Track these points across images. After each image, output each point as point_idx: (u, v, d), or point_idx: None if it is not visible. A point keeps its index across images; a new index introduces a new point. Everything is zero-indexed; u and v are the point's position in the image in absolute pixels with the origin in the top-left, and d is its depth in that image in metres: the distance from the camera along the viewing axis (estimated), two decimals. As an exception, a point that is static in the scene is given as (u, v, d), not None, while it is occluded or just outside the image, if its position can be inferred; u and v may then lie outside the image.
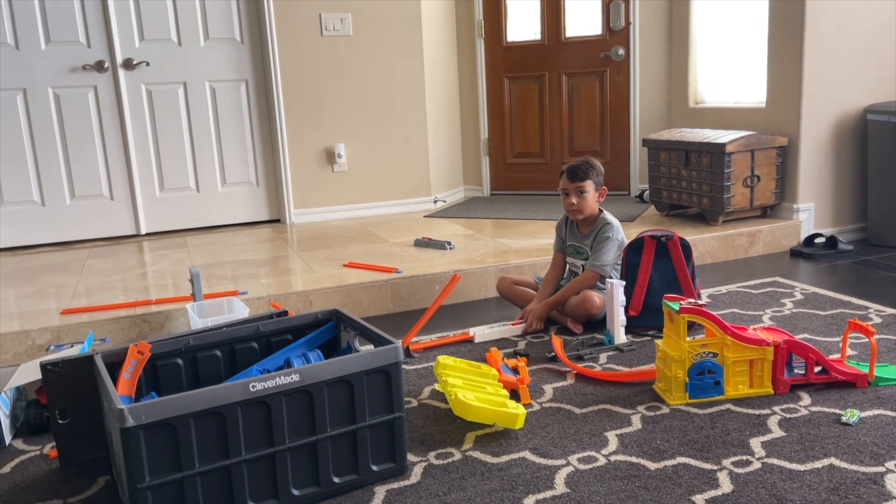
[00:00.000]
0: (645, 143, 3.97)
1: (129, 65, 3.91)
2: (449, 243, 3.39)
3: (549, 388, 2.01)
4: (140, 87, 3.97)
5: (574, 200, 2.54)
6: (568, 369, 2.13)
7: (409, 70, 4.41)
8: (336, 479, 1.53)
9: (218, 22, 4.05)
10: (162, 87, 4.01)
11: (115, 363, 1.62)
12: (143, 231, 4.10)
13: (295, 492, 1.49)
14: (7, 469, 1.74)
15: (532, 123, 4.83)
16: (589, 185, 2.52)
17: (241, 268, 3.24)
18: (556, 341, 2.27)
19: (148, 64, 3.94)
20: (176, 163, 4.09)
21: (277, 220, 4.36)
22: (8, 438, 1.87)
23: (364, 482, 1.56)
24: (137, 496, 1.35)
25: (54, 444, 1.83)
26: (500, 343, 2.41)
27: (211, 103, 4.12)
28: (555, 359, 2.21)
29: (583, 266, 2.58)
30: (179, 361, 1.73)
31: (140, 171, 4.03)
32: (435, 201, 4.63)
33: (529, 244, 3.40)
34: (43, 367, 1.60)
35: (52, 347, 2.31)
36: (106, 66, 3.87)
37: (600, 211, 2.60)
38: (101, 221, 4.01)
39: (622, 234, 2.57)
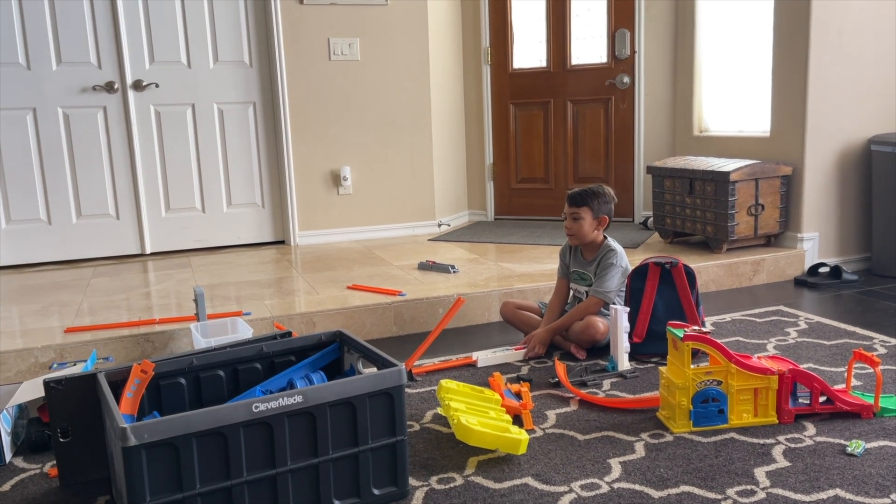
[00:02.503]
0: (649, 170, 3.99)
1: (138, 86, 3.95)
2: (453, 267, 3.39)
3: (552, 414, 2.00)
4: (149, 109, 4.01)
5: (568, 225, 2.56)
6: (571, 395, 2.12)
7: (416, 95, 4.45)
8: (337, 503, 1.52)
9: (227, 45, 4.10)
10: (170, 109, 4.05)
11: (118, 382, 1.62)
12: (149, 250, 4.11)
13: (295, 515, 1.48)
14: (7, 487, 1.73)
15: (537, 149, 4.86)
16: (585, 213, 2.53)
17: (245, 288, 3.24)
18: (560, 367, 2.27)
19: (157, 85, 3.99)
20: (182, 183, 4.12)
21: (282, 242, 4.38)
22: (8, 456, 1.87)
23: (365, 506, 1.55)
24: (137, 516, 1.34)
25: (55, 462, 1.82)
26: (504, 368, 2.40)
27: (219, 125, 4.15)
28: (558, 384, 2.20)
29: (587, 292, 2.58)
30: (182, 381, 1.73)
31: (146, 191, 4.05)
32: (439, 225, 4.64)
33: (533, 269, 3.40)
34: (46, 384, 1.60)
35: (55, 365, 2.31)
36: (116, 86, 3.91)
37: (605, 238, 2.60)
38: (106, 240, 4.03)
39: (626, 260, 2.57)
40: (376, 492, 1.56)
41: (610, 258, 2.53)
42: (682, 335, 1.86)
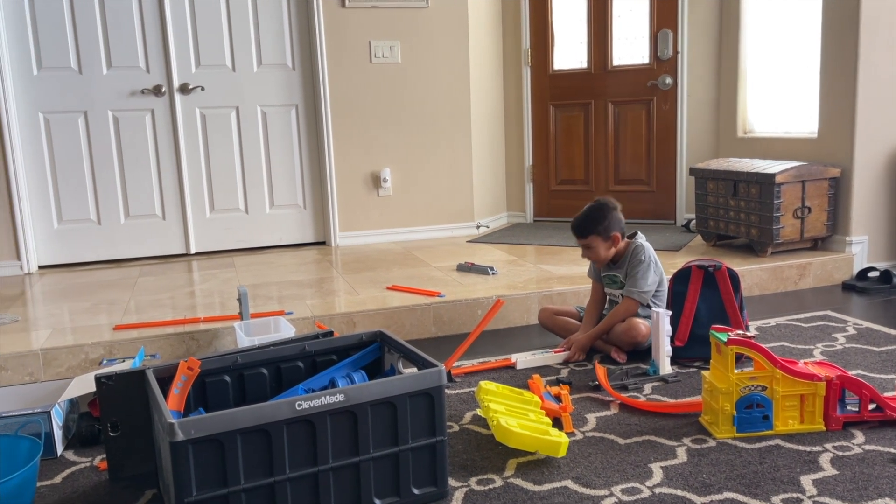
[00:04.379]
0: (692, 172, 3.93)
1: (185, 89, 4.04)
2: (492, 269, 3.39)
3: (592, 418, 1.99)
4: (194, 111, 4.09)
5: (584, 255, 2.56)
6: (611, 399, 2.11)
7: (456, 97, 4.46)
8: (377, 501, 1.54)
9: (271, 49, 4.16)
10: (215, 111, 4.13)
11: (165, 378, 1.66)
12: (193, 250, 4.20)
13: (337, 512, 1.50)
14: (58, 479, 1.79)
15: (577, 151, 4.83)
16: (593, 241, 2.49)
17: (286, 288, 3.29)
18: (600, 370, 2.25)
19: (203, 88, 4.07)
20: (226, 185, 4.20)
21: (323, 243, 4.43)
22: (60, 449, 1.93)
23: (405, 505, 1.56)
24: (184, 510, 1.37)
25: (104, 456, 1.87)
26: (543, 370, 2.39)
27: (262, 127, 4.22)
28: (598, 388, 2.19)
29: (621, 295, 2.55)
30: (227, 378, 1.77)
31: (192, 192, 4.14)
32: (478, 227, 4.65)
33: (573, 271, 3.38)
34: (97, 380, 1.65)
35: (104, 362, 2.37)
36: (163, 90, 4.01)
37: (632, 236, 2.56)
38: (153, 240, 4.12)
39: (652, 251, 2.52)
40: (416, 491, 1.57)
41: (638, 255, 2.48)
42: (725, 339, 1.84)
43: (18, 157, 3.78)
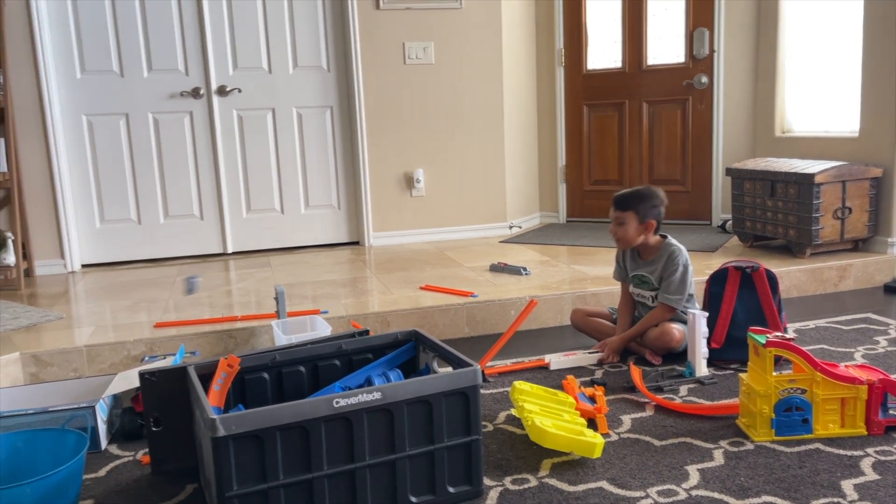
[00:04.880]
0: (729, 172, 3.88)
1: (222, 91, 4.11)
2: (524, 269, 3.39)
3: (627, 419, 1.98)
4: (232, 113, 4.16)
5: (612, 229, 2.51)
6: (647, 400, 2.10)
7: (489, 97, 4.46)
8: (413, 499, 1.55)
9: (306, 51, 4.21)
10: (252, 113, 4.19)
11: (206, 375, 1.69)
12: (230, 250, 4.27)
13: (373, 509, 1.52)
14: (103, 472, 1.83)
15: (611, 151, 4.80)
16: (629, 217, 2.45)
17: (321, 288, 3.32)
18: (635, 372, 2.24)
19: (240, 90, 4.14)
20: (262, 185, 4.26)
21: (356, 243, 4.46)
22: (104, 443, 1.98)
23: (440, 503, 1.57)
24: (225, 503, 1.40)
25: (147, 450, 1.92)
26: (577, 371, 2.39)
27: (297, 129, 4.27)
28: (633, 389, 2.17)
29: (652, 297, 2.51)
30: (265, 376, 1.80)
31: (229, 192, 4.21)
32: (510, 227, 4.64)
33: (607, 272, 3.36)
34: (141, 376, 1.69)
35: (146, 358, 2.43)
36: (201, 92, 4.08)
37: (663, 238, 2.53)
38: (191, 240, 4.20)
39: (686, 255, 2.49)
40: (451, 490, 1.58)
41: (675, 260, 2.44)
42: (764, 341, 1.82)
43: (62, 159, 3.88)
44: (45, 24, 3.78)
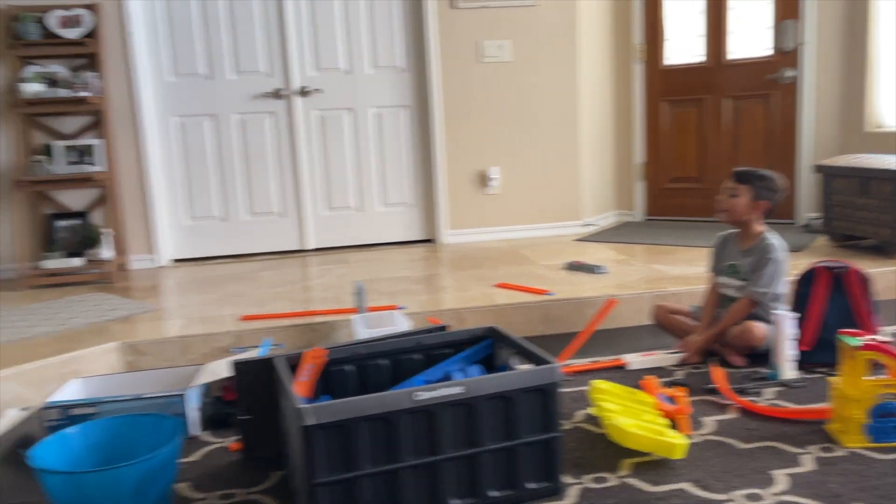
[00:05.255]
0: (819, 169, 3.74)
1: (303, 92, 4.22)
2: (601, 267, 3.36)
3: (709, 421, 1.94)
4: (312, 113, 4.27)
5: (721, 199, 2.46)
6: (730, 402, 2.05)
7: (564, 94, 4.44)
8: (492, 493, 1.57)
9: (384, 52, 4.29)
10: (331, 113, 4.29)
11: (293, 366, 1.75)
12: (309, 247, 4.39)
13: (453, 501, 1.54)
14: (197, 457, 1.93)
15: (689, 148, 4.70)
16: (744, 191, 2.41)
17: (397, 284, 3.38)
18: (717, 373, 2.19)
19: (320, 91, 4.24)
20: (340, 184, 4.36)
21: (431, 240, 4.51)
22: (197, 430, 2.07)
23: (519, 498, 1.59)
24: (313, 491, 1.45)
25: (235, 437, 2.00)
26: (656, 372, 2.35)
27: (374, 128, 4.35)
28: (716, 391, 2.13)
29: (737, 288, 2.45)
30: (349, 368, 1.85)
31: (309, 191, 4.32)
32: (585, 225, 4.60)
33: (687, 271, 3.30)
34: (235, 365, 1.77)
35: (234, 350, 2.53)
36: (283, 93, 4.21)
37: (765, 230, 2.46)
38: (272, 237, 4.34)
39: (785, 251, 2.42)
40: (530, 486, 1.59)
41: (770, 252, 2.38)
42: (858, 343, 1.75)
43: (154, 159, 4.07)
44: (139, 31, 3.98)
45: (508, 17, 4.30)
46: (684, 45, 4.65)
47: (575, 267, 3.46)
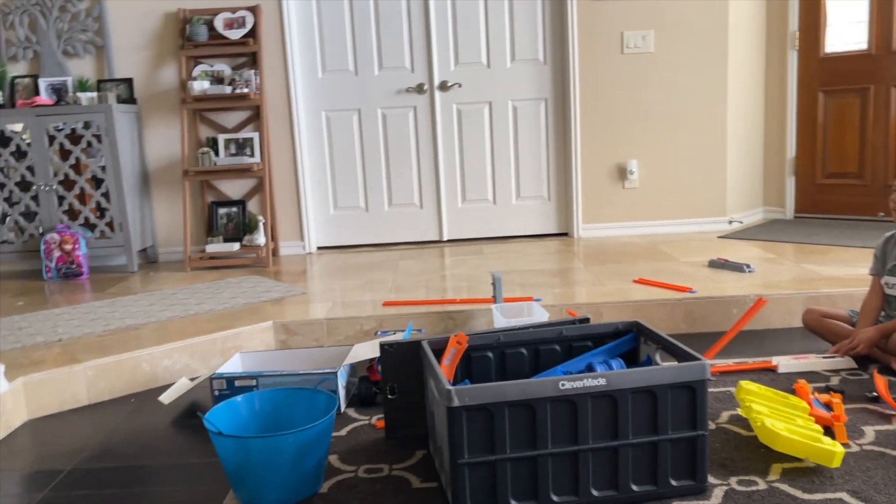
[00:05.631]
0: None
1: (444, 86, 4.32)
2: (747, 266, 3.22)
3: (869, 430, 1.83)
4: (451, 107, 4.36)
5: (893, 199, 2.28)
6: (893, 412, 1.91)
7: (711, 84, 4.26)
8: (634, 488, 1.56)
9: (524, 45, 4.30)
10: (470, 107, 4.37)
11: (436, 351, 1.82)
12: (445, 237, 4.49)
13: (594, 492, 1.55)
14: (343, 432, 2.04)
15: (850, 141, 4.38)
16: None
17: (532, 276, 3.40)
18: (880, 381, 2.05)
19: (460, 85, 4.32)
20: (477, 176, 4.43)
21: (565, 234, 4.49)
22: (343, 406, 2.20)
23: (662, 495, 1.57)
24: (457, 471, 1.50)
25: (380, 416, 2.11)
26: (808, 376, 2.23)
27: (512, 121, 4.38)
28: (877, 399, 1.99)
29: None
30: (490, 355, 1.89)
31: (446, 183, 4.42)
32: (730, 222, 4.41)
33: (843, 272, 3.09)
34: (382, 347, 1.86)
35: (378, 333, 2.65)
36: (425, 88, 4.33)
37: None
38: (411, 227, 4.48)
39: None
40: (674, 483, 1.57)
41: None
42: None
43: (305, 151, 4.32)
44: (294, 30, 4.22)
45: (652, 7, 4.19)
46: (849, 31, 4.33)
47: (719, 265, 3.34)
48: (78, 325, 2.88)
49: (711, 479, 1.62)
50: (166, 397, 2.25)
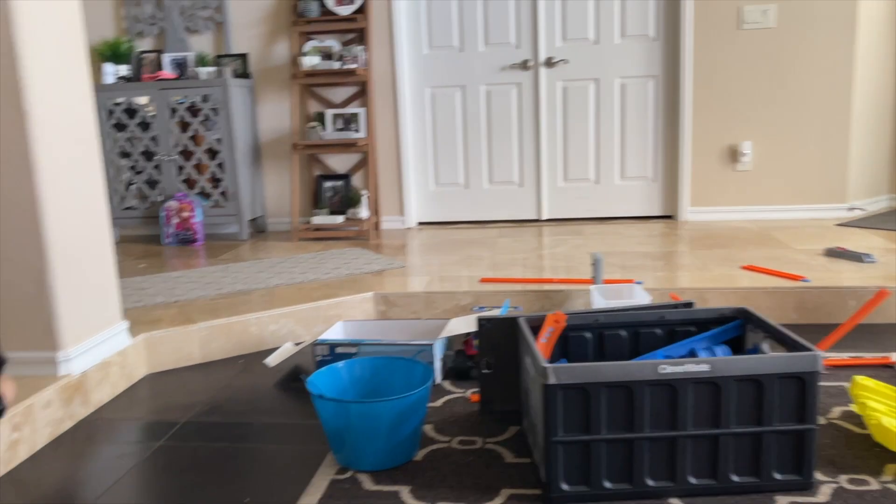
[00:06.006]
0: None
1: (549, 63, 4.26)
2: (868, 255, 3.02)
3: None
4: (556, 84, 4.30)
5: None
6: None
7: (836, 61, 4.00)
8: (734, 478, 1.51)
9: (634, 20, 4.17)
10: (575, 84, 4.28)
11: (533, 328, 1.82)
12: (544, 217, 4.45)
13: (692, 480, 1.51)
14: (439, 403, 2.08)
15: None
16: None
17: (633, 259, 3.32)
18: None
19: (566, 61, 4.25)
20: (579, 155, 4.35)
21: (670, 217, 4.35)
22: (439, 378, 2.24)
23: (764, 488, 1.51)
24: (551, 448, 1.50)
25: (475, 390, 2.13)
26: (933, 375, 2.09)
27: (618, 99, 4.27)
28: None
29: None
30: (588, 335, 1.87)
31: (548, 161, 4.37)
32: (850, 209, 4.14)
33: (979, 267, 2.85)
34: (479, 321, 1.88)
35: (476, 308, 2.67)
36: (529, 64, 4.28)
37: None
38: (509, 205, 4.47)
39: None
40: (778, 476, 1.51)
41: None
42: None
43: (407, 127, 4.37)
44: (402, 6, 4.26)
45: (776, -21, 3.96)
46: None
47: (837, 253, 3.15)
48: (193, 288, 3.06)
49: (819, 476, 1.55)
50: (272, 360, 2.35)
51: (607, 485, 1.52)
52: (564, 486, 1.51)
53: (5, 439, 1.81)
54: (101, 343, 2.24)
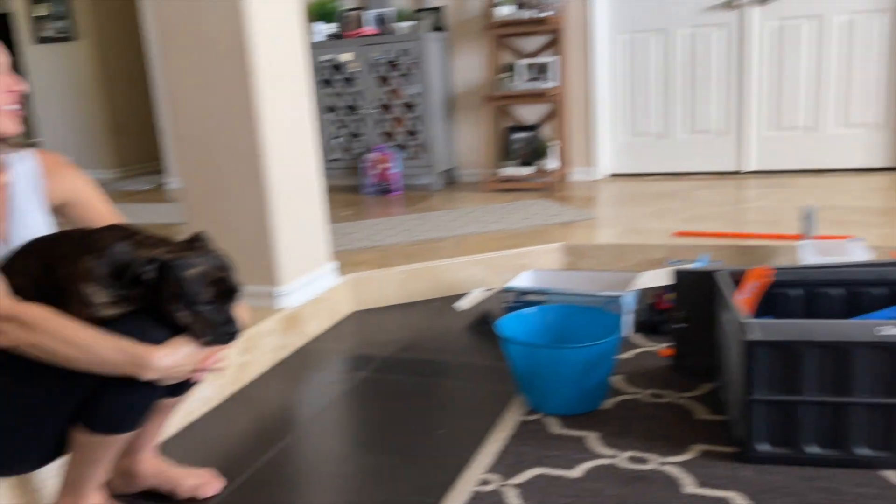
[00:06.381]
0: None
1: (762, 0, 3.91)
2: None
3: None
4: (769, 23, 3.94)
5: None
6: None
7: None
8: (965, 456, 1.36)
9: (865, -55, 3.70)
10: (790, 22, 3.90)
11: (735, 282, 1.73)
12: (749, 168, 4.15)
13: (912, 453, 1.39)
14: (629, 356, 2.06)
15: None
16: None
17: (850, 214, 3.02)
18: None
19: (781, -4, 3.89)
20: (791, 101, 3.99)
21: (897, 169, 3.89)
22: (630, 331, 2.21)
23: None
24: (749, 407, 1.44)
25: (666, 345, 2.08)
26: None
27: (841, 37, 3.83)
28: None
29: None
30: (796, 292, 1.75)
31: (755, 109, 4.06)
32: None
33: None
34: (676, 275, 1.82)
35: (670, 262, 2.58)
36: (737, 3, 3.96)
37: None
38: (708, 156, 4.22)
39: None
40: None
41: None
42: None
43: (601, 76, 4.25)
44: (597, -51, 4.12)
45: None
46: None
47: None
48: (392, 234, 3.24)
49: None
50: (463, 304, 2.45)
51: (812, 449, 1.43)
52: (765, 447, 1.45)
53: (236, 361, 2.06)
54: (314, 281, 2.46)
